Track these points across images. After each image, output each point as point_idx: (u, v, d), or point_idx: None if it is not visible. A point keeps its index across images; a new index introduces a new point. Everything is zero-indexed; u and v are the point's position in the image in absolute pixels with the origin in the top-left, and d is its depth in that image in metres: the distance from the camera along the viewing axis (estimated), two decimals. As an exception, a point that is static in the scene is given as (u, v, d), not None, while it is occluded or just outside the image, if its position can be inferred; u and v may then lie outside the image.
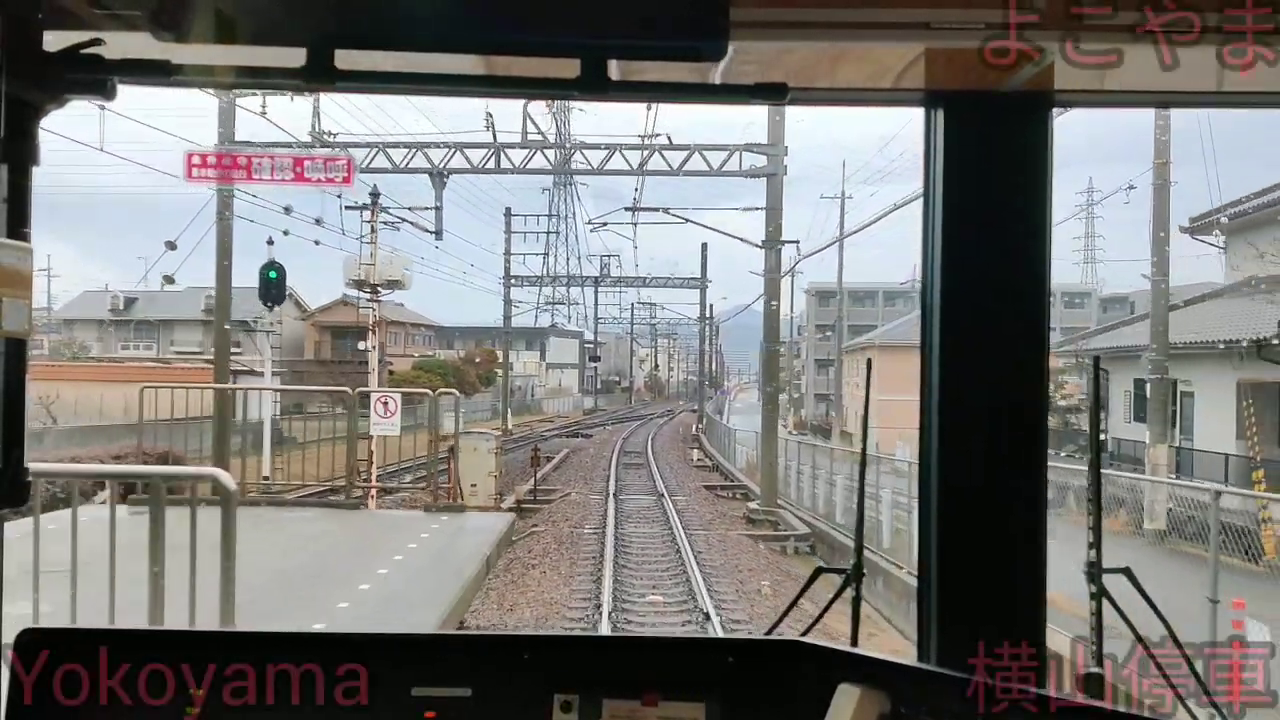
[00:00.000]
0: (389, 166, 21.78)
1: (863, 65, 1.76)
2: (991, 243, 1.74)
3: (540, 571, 14.11)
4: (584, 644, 1.94)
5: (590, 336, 72.86)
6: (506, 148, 21.94)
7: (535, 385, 71.92)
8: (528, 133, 21.79)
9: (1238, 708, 1.42)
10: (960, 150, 1.75)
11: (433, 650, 1.66)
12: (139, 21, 1.42)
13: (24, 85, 1.39)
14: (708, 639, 3.33)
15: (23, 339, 1.45)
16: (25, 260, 1.40)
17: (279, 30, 1.37)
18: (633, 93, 1.56)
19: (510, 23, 1.36)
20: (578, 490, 23.69)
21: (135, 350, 53.73)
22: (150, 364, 43.04)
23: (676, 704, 1.57)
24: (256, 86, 4.26)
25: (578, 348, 79.09)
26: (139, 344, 55.08)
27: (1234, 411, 18.61)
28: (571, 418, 60.93)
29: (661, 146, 21.57)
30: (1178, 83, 1.52)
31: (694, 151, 21.46)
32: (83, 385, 33.78)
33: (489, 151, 21.78)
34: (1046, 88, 1.69)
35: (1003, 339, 1.75)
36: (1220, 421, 19.20)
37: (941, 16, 1.47)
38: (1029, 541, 1.75)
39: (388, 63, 1.46)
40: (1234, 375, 18.86)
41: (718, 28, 1.32)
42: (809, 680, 1.55)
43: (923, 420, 1.80)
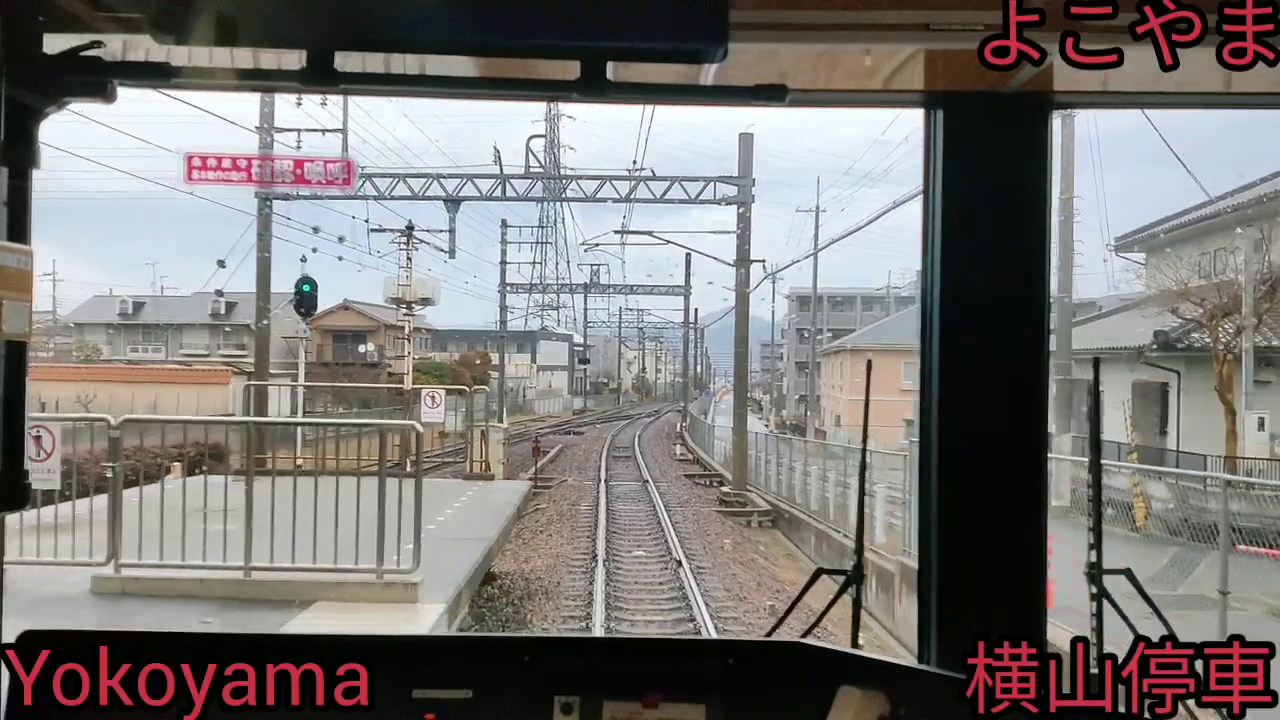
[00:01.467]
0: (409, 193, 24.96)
1: (862, 67, 1.72)
2: (991, 243, 1.74)
3: (548, 535, 17.45)
4: (584, 646, 1.94)
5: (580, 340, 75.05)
6: (511, 178, 25.21)
7: (526, 386, 73.67)
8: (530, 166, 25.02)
9: (1237, 708, 1.33)
10: (960, 151, 1.74)
11: (433, 652, 1.66)
12: (139, 24, 1.42)
13: (24, 88, 1.40)
14: (708, 641, 3.18)
15: (23, 342, 1.45)
16: (26, 263, 1.39)
17: (279, 33, 1.37)
18: (632, 94, 1.54)
19: (510, 25, 1.36)
20: (573, 477, 26.97)
21: (144, 353, 55.65)
22: (174, 366, 45.60)
23: (677, 706, 1.55)
24: (257, 89, 4.44)
25: (567, 350, 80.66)
26: (147, 347, 57.02)
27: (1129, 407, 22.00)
28: (562, 417, 63.21)
29: (646, 178, 24.84)
30: (1178, 83, 1.48)
31: (674, 182, 24.73)
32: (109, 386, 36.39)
33: (495, 182, 25.02)
34: (1046, 88, 1.68)
35: (1003, 339, 1.74)
36: (1122, 415, 22.56)
37: (941, 18, 1.47)
38: (1029, 542, 1.74)
39: (388, 65, 1.48)
40: (1130, 377, 22.25)
41: (717, 29, 1.33)
42: (810, 682, 1.53)
43: (923, 422, 1.80)
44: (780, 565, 16.83)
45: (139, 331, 58.60)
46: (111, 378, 38.38)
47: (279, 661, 1.44)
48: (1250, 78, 1.41)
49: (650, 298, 64.63)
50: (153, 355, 55.28)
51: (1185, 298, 19.82)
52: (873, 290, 68.98)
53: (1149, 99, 1.87)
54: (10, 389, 1.44)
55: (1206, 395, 19.70)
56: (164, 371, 41.35)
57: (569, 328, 76.29)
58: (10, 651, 1.45)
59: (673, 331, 79.03)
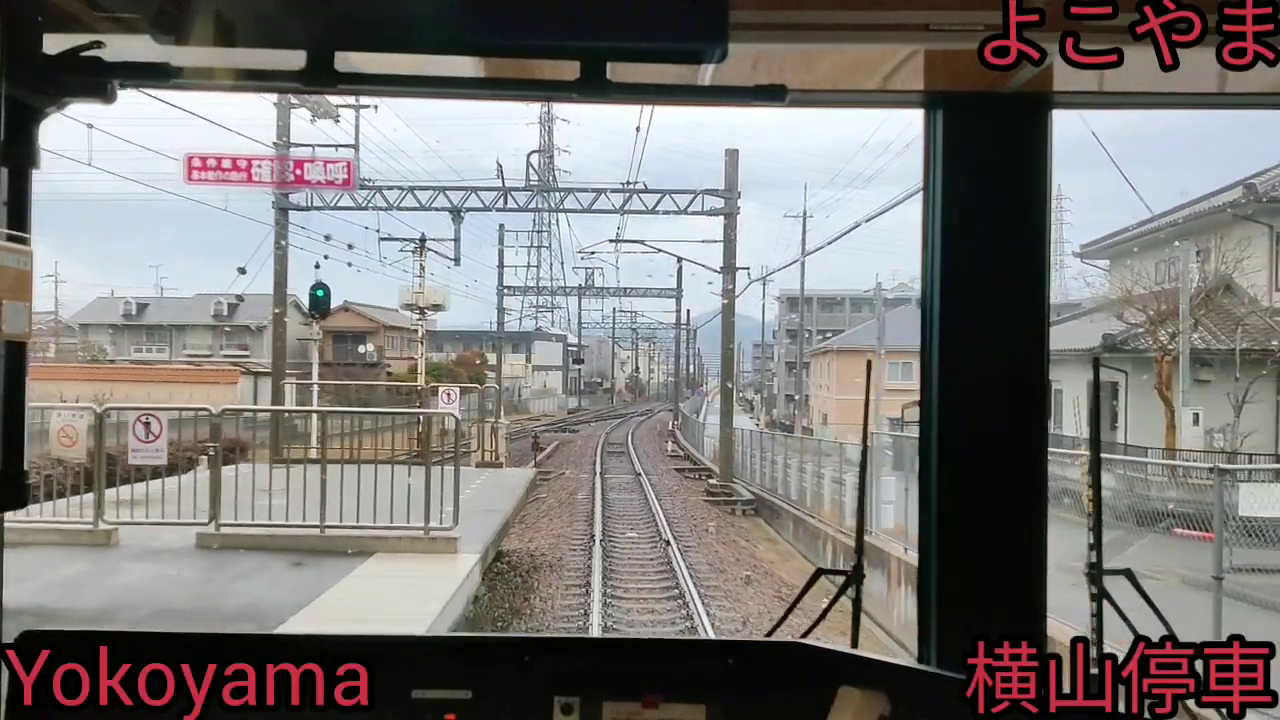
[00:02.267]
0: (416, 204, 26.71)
1: (862, 67, 1.73)
2: (991, 244, 1.73)
3: (549, 520, 19.29)
4: (584, 646, 1.87)
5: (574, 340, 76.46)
6: (512, 190, 27.02)
7: (521, 386, 74.70)
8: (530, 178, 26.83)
9: (1237, 708, 1.34)
10: (960, 151, 1.74)
11: (433, 652, 1.65)
12: (139, 24, 1.42)
13: (24, 88, 1.39)
14: (708, 641, 3.47)
15: (23, 342, 1.45)
16: (25, 263, 1.39)
17: (279, 33, 1.37)
18: (632, 94, 1.54)
19: (510, 25, 1.36)
20: (571, 471, 28.81)
21: (148, 354, 56.49)
22: (184, 366, 46.82)
23: (677, 706, 1.55)
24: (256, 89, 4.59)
25: (562, 351, 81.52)
26: (151, 347, 57.98)
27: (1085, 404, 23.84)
28: (557, 416, 64.60)
29: (639, 190, 26.66)
30: (1178, 83, 1.48)
31: (664, 195, 26.55)
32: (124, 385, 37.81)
33: (498, 195, 26.83)
34: (1046, 89, 1.67)
35: (1002, 339, 1.74)
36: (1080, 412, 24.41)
37: (941, 18, 1.47)
38: (1029, 542, 1.74)
39: (387, 65, 1.47)
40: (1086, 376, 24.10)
41: (717, 30, 1.33)
42: (810, 682, 1.54)
43: (923, 422, 1.80)
44: (759, 546, 18.68)
45: (142, 332, 59.62)
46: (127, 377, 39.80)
47: (279, 661, 1.44)
48: (1250, 78, 1.40)
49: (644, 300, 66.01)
50: (156, 355, 56.15)
51: (1130, 304, 21.68)
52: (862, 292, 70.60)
53: (1149, 99, 1.84)
54: (10, 389, 1.45)
55: (1150, 393, 21.57)
56: (176, 371, 42.70)
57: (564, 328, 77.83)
58: (10, 651, 1.44)
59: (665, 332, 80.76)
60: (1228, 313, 21.13)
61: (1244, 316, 20.70)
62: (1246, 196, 21.16)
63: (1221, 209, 21.81)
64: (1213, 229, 21.91)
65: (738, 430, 28.22)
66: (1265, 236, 21.50)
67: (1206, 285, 20.58)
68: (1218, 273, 21.56)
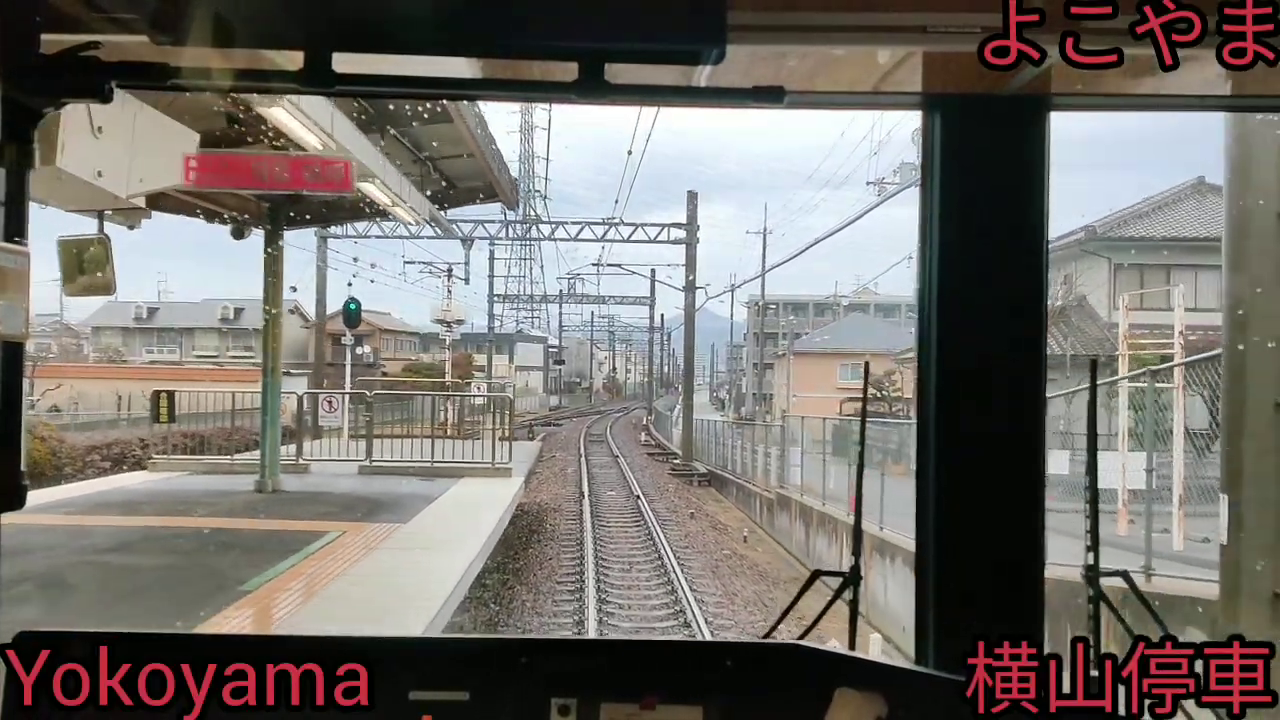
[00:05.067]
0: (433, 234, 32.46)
1: (860, 68, 1.74)
2: (990, 245, 1.73)
3: (549, 486, 25.41)
4: (582, 647, 1.89)
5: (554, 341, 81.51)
6: (512, 223, 32.99)
7: (505, 385, 77.76)
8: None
9: (1237, 708, 1.33)
10: (959, 153, 1.73)
11: (431, 653, 1.66)
12: (136, 25, 1.43)
13: (20, 89, 1.40)
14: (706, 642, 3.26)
15: (20, 343, 1.46)
16: (22, 264, 1.39)
17: (277, 34, 1.37)
18: (630, 96, 1.54)
19: (508, 26, 1.36)
20: (560, 454, 34.91)
21: (159, 355, 59.93)
22: (209, 366, 50.63)
23: (674, 708, 1.55)
24: (254, 90, 4.56)
25: (543, 352, 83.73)
26: (162, 349, 61.69)
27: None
28: (539, 413, 68.55)
29: (615, 223, 32.70)
30: (1178, 84, 1.49)
31: (638, 227, 32.57)
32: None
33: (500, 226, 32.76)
34: (1045, 90, 1.67)
35: (1001, 340, 1.72)
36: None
37: (939, 20, 1.48)
38: (1028, 542, 1.74)
39: (385, 66, 1.46)
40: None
41: (716, 31, 1.33)
42: (807, 684, 1.53)
43: (920, 422, 1.80)
44: (707, 504, 24.91)
45: (153, 335, 63.42)
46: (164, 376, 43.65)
47: (279, 661, 1.43)
48: (1250, 78, 1.38)
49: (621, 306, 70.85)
50: (168, 356, 59.52)
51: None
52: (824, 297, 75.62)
53: (1149, 100, 1.81)
54: (7, 389, 1.45)
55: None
56: (206, 371, 46.56)
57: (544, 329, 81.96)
58: (10, 651, 1.44)
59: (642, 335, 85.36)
60: (1074, 325, 27.02)
61: (1082, 327, 26.57)
62: (1088, 234, 27.10)
63: (1072, 245, 27.71)
64: (1070, 259, 27.78)
65: (701, 422, 34.32)
66: (1105, 267, 27.44)
67: (1065, 303, 26.30)
68: (1074, 293, 27.34)
